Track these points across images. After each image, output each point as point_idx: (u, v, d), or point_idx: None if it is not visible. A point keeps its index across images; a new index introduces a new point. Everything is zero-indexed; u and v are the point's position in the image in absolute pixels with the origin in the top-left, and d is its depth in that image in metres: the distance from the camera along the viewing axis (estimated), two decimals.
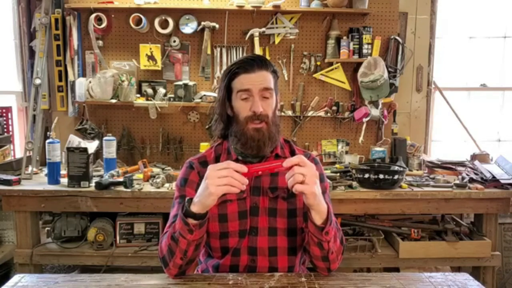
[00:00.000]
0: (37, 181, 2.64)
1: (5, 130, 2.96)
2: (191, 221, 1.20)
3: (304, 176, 1.16)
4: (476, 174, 2.70)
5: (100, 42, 2.97)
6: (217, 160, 1.44)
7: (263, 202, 1.37)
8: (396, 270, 2.66)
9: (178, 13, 2.95)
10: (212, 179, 1.15)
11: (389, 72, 2.93)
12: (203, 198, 1.18)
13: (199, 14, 2.96)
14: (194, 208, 1.20)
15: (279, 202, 1.38)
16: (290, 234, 1.38)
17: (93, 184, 2.49)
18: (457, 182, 2.62)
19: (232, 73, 1.37)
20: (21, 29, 3.04)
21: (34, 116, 2.92)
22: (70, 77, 2.96)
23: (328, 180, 2.45)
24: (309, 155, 1.47)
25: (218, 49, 3.01)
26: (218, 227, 1.37)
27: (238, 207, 1.37)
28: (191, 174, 1.42)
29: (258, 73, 1.35)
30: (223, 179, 1.15)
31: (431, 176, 2.78)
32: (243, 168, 1.17)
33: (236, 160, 1.42)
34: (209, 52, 2.98)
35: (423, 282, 1.30)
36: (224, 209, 1.38)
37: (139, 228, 2.60)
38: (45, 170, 2.66)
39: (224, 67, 2.99)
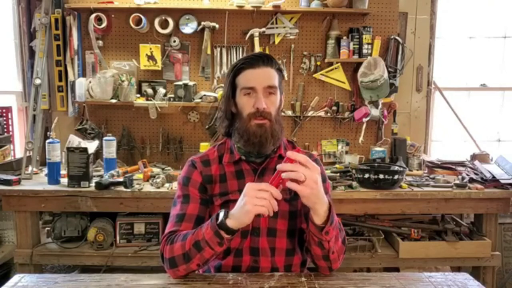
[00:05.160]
0: (37, 181, 2.63)
1: (5, 130, 2.96)
2: (224, 234, 1.18)
3: (305, 178, 1.15)
4: (476, 174, 2.70)
5: (100, 42, 2.97)
6: (220, 159, 1.44)
7: None
8: (396, 270, 2.66)
9: (178, 13, 2.95)
10: (251, 198, 1.14)
11: (389, 72, 2.92)
12: (241, 215, 1.16)
13: (199, 14, 2.96)
14: (230, 223, 1.18)
15: (281, 204, 1.36)
16: (289, 236, 1.38)
17: (93, 184, 2.48)
18: (457, 182, 2.62)
19: (237, 69, 1.37)
20: (21, 29, 3.04)
21: (34, 116, 2.92)
22: (70, 77, 2.96)
23: (329, 181, 2.48)
24: (311, 156, 1.47)
25: (218, 49, 3.01)
26: None
27: None
28: (193, 173, 1.41)
29: (263, 68, 1.35)
30: (262, 200, 1.13)
31: (431, 176, 2.78)
32: (279, 195, 1.15)
33: (239, 160, 1.42)
34: (209, 52, 2.98)
35: (423, 282, 1.30)
36: (227, 209, 1.37)
37: (139, 228, 2.60)
38: (45, 170, 2.66)
39: (224, 67, 3.00)
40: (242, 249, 1.36)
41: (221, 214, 1.20)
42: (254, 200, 1.13)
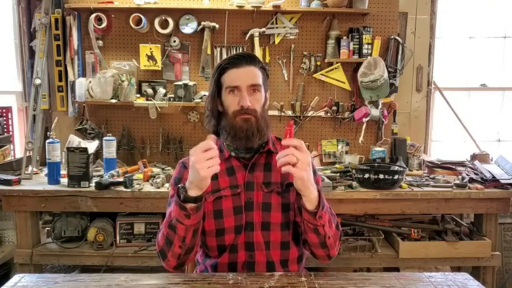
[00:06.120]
0: (37, 181, 2.64)
1: (5, 130, 2.96)
2: (188, 205, 1.22)
3: (297, 160, 1.20)
4: (476, 174, 2.70)
5: (100, 42, 2.97)
6: None
7: (257, 197, 1.39)
8: (396, 270, 2.66)
9: (178, 13, 2.95)
10: (201, 163, 1.18)
11: (389, 72, 2.92)
12: (200, 183, 1.20)
13: (199, 14, 2.96)
14: (192, 192, 1.22)
15: (274, 197, 1.40)
16: (283, 228, 1.40)
17: (93, 184, 2.49)
18: (457, 182, 2.62)
19: (221, 69, 1.41)
20: (21, 29, 3.04)
21: (34, 116, 2.92)
22: (70, 77, 2.96)
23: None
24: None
25: (218, 49, 3.01)
26: (213, 224, 1.38)
27: (233, 203, 1.38)
28: (185, 173, 1.43)
29: (246, 67, 1.38)
30: (211, 160, 1.18)
31: (431, 176, 2.78)
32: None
33: (229, 157, 1.44)
34: (209, 52, 2.98)
35: (423, 282, 1.30)
36: (219, 205, 1.39)
37: (139, 228, 2.60)
38: (45, 170, 2.66)
39: None
40: (237, 245, 1.38)
41: (181, 191, 1.23)
42: (205, 164, 1.18)
